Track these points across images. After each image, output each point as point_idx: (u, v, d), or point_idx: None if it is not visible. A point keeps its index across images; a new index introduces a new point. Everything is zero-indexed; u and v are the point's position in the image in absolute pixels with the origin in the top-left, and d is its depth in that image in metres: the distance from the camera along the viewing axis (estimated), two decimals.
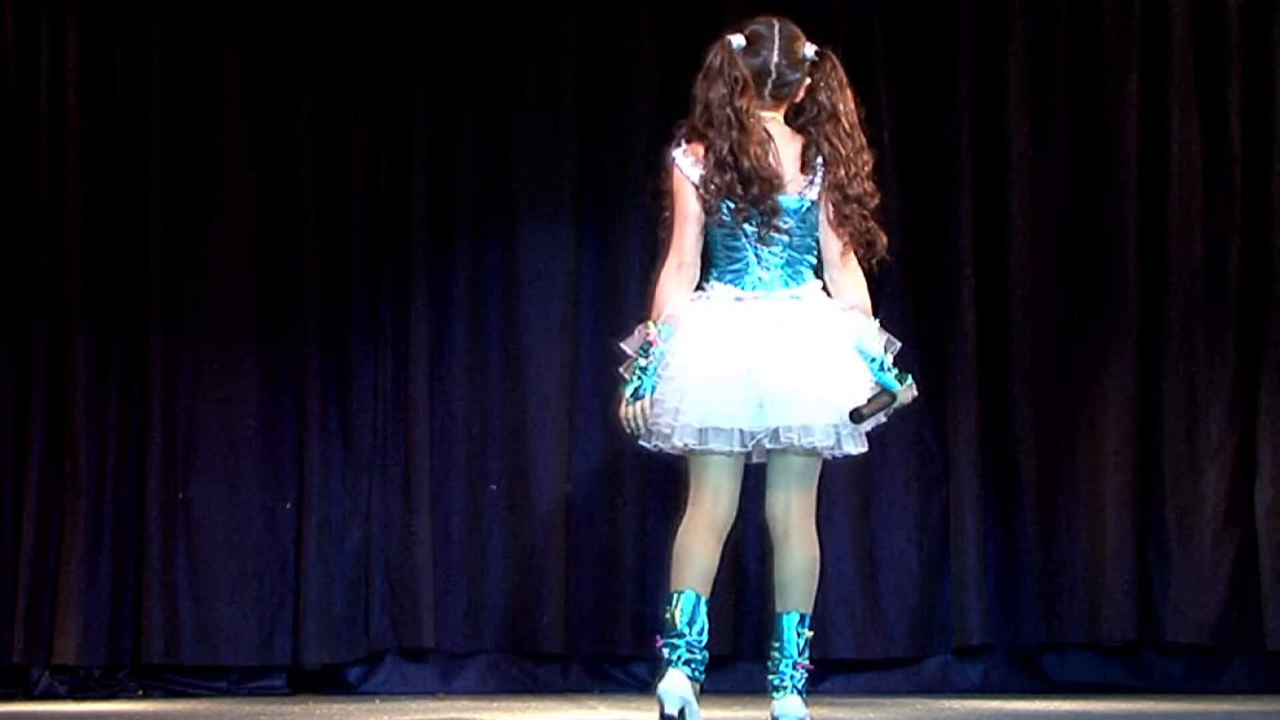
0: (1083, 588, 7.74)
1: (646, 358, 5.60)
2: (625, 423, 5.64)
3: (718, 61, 5.63)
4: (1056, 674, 7.82)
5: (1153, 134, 7.83)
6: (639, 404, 5.58)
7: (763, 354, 5.55)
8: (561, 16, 7.94)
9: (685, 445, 5.59)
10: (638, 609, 7.80)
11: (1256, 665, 7.66)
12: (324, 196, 7.82)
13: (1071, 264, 7.88)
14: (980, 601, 7.75)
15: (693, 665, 5.54)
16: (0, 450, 7.62)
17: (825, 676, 7.76)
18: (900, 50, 7.94)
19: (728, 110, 5.57)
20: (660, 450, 5.69)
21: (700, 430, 5.56)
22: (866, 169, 5.63)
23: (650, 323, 5.62)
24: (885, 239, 5.65)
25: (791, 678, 5.60)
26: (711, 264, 5.67)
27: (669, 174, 5.66)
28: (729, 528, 5.65)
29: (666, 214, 5.68)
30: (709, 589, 5.59)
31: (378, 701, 7.47)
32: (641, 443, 5.69)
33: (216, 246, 7.78)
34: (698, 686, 5.55)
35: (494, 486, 7.85)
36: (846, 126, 5.64)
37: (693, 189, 5.62)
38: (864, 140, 5.65)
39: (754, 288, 5.63)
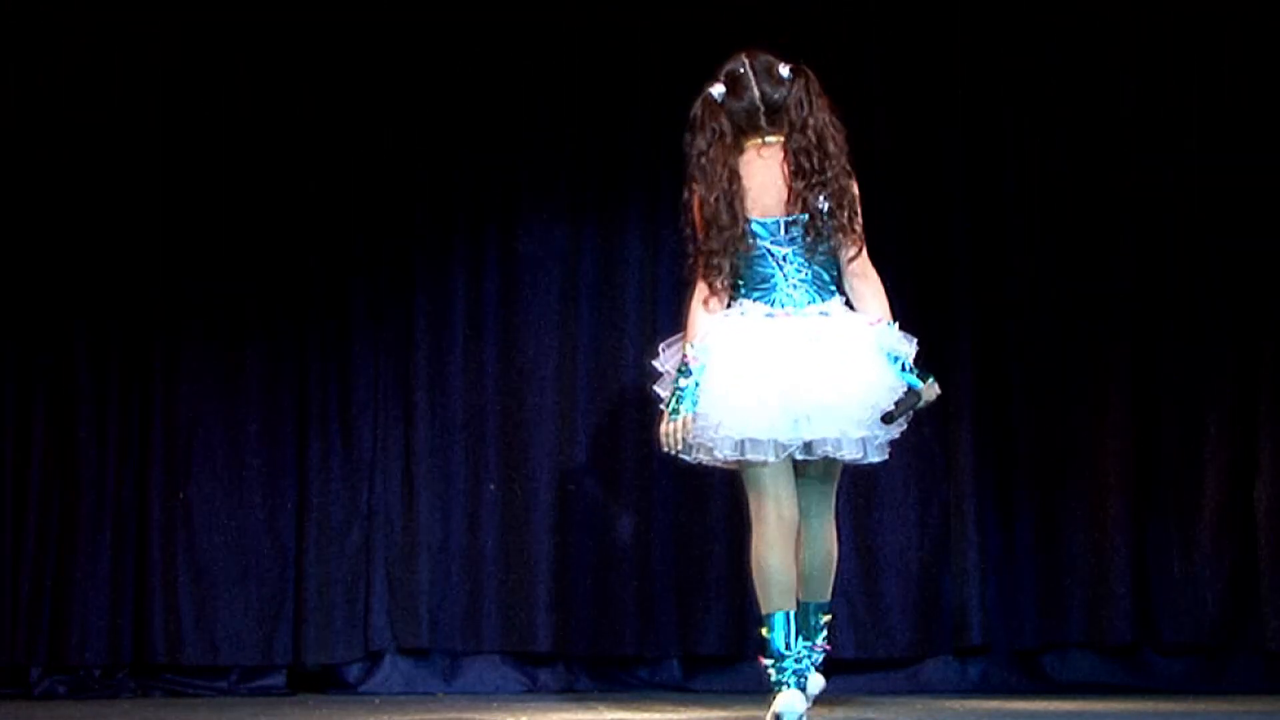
0: (1083, 588, 7.74)
1: (686, 378, 5.97)
2: (665, 439, 6.00)
3: (699, 114, 6.10)
4: (1056, 674, 7.81)
5: (1152, 133, 7.83)
6: (679, 421, 5.94)
7: (797, 369, 5.93)
8: (563, 14, 7.94)
9: (725, 457, 5.98)
10: (637, 609, 7.81)
11: (1256, 665, 7.65)
12: (324, 197, 7.82)
13: (1072, 263, 7.87)
14: (980, 601, 7.76)
15: (799, 676, 6.00)
16: (2, 450, 7.62)
17: (825, 676, 7.74)
18: (897, 53, 7.94)
19: (702, 161, 6.03)
20: (701, 463, 6.07)
21: (739, 442, 5.93)
22: (835, 172, 6.00)
23: (688, 344, 6.01)
24: (859, 229, 6.05)
25: (810, 656, 6.06)
26: (741, 282, 6.06)
27: (688, 209, 6.09)
28: (796, 526, 6.05)
29: (691, 260, 6.11)
30: (794, 600, 6.06)
31: (377, 701, 7.48)
32: (684, 457, 6.06)
33: (217, 247, 7.78)
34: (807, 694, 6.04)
35: (493, 486, 7.85)
36: (813, 139, 6.01)
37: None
38: (836, 146, 6.04)
39: (783, 304, 6.03)
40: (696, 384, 5.95)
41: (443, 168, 7.91)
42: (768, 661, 6.04)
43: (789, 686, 5.98)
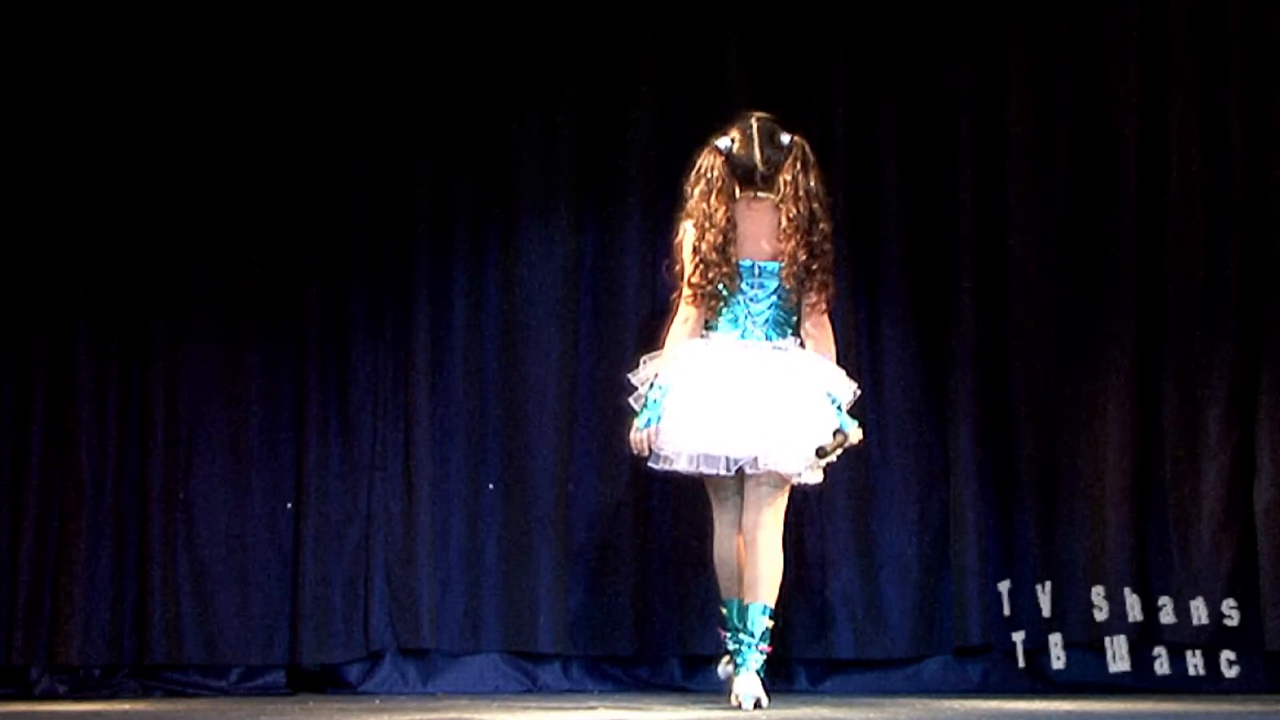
0: (1082, 588, 7.74)
1: (656, 392, 6.75)
2: (633, 446, 6.81)
3: (703, 164, 6.85)
4: (1056, 674, 7.81)
5: (1153, 134, 7.83)
6: (647, 431, 6.76)
7: (749, 395, 6.72)
8: (562, 17, 7.93)
9: (683, 469, 6.78)
10: (637, 608, 7.81)
11: (1256, 665, 7.66)
12: (325, 196, 7.82)
13: (1071, 264, 7.88)
14: (980, 601, 7.76)
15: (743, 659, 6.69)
16: (0, 450, 7.62)
17: (825, 676, 7.78)
18: (900, 51, 7.94)
19: (703, 206, 6.80)
20: (666, 471, 6.83)
21: (694, 457, 6.75)
22: (819, 236, 6.78)
23: (662, 363, 6.76)
24: (834, 288, 6.83)
25: (752, 659, 6.66)
26: (714, 315, 6.79)
27: (679, 247, 6.84)
28: (738, 528, 6.85)
29: (676, 291, 6.85)
30: (738, 591, 6.79)
31: (377, 701, 7.48)
32: (650, 464, 6.82)
33: (218, 246, 7.77)
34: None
35: (493, 486, 7.86)
36: (804, 203, 6.78)
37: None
38: (821, 211, 6.79)
39: (745, 338, 6.81)
40: (661, 400, 6.72)
41: (443, 167, 7.90)
42: (726, 633, 6.85)
43: (742, 659, 6.67)
